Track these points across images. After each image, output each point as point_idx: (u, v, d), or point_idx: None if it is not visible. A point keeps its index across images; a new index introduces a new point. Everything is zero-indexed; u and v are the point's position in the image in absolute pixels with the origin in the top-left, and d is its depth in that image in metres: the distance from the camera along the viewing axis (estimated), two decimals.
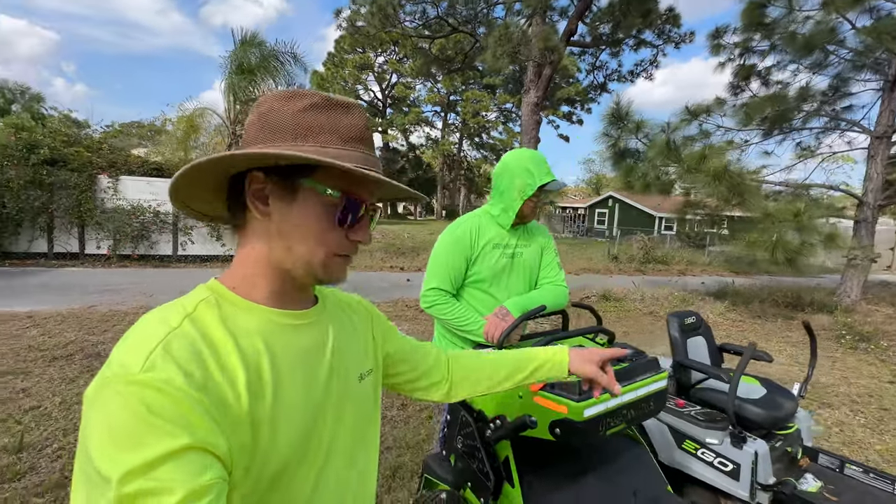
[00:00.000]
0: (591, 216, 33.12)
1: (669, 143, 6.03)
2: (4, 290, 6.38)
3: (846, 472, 2.13)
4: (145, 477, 0.39)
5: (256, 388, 0.52)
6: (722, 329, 5.97)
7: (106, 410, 0.42)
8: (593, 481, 1.44)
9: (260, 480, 0.51)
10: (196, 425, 0.44)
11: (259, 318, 0.57)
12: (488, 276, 1.61)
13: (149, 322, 0.51)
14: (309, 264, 0.57)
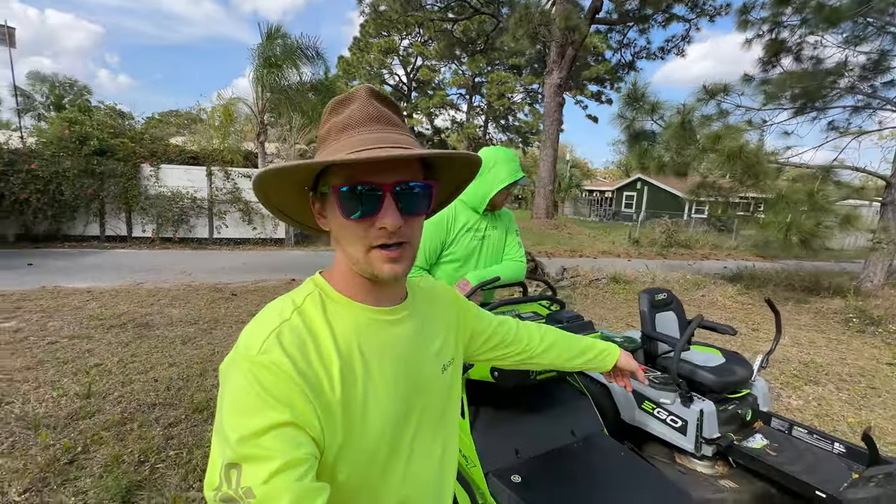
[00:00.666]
0: (618, 199, 32.39)
1: (684, 123, 6.02)
2: (67, 269, 7.20)
3: (794, 433, 2.35)
4: (253, 443, 0.46)
5: (349, 377, 0.57)
6: (729, 311, 6.03)
7: (232, 382, 0.51)
8: (534, 418, 1.75)
9: (358, 464, 0.57)
10: (296, 405, 0.50)
11: (354, 313, 0.62)
12: (461, 255, 1.91)
13: (269, 312, 0.59)
14: (357, 262, 0.60)
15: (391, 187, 0.57)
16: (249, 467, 0.45)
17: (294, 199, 0.64)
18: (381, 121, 0.60)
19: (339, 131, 0.59)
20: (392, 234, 0.58)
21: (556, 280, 6.85)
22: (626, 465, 1.58)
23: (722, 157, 5.38)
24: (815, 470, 2.06)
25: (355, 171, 0.56)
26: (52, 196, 8.98)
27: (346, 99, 0.62)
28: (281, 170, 0.55)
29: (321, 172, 0.60)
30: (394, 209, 0.57)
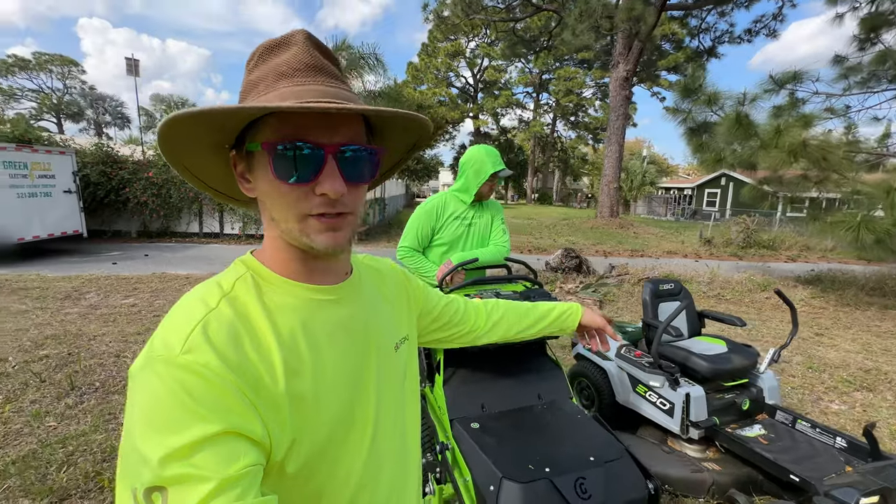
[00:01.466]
0: (699, 197, 29.85)
1: (739, 116, 5.65)
2: (172, 259, 8.61)
3: (797, 426, 2.30)
4: (181, 462, 0.39)
5: (294, 365, 0.50)
6: None
7: (148, 389, 0.42)
8: (505, 381, 1.99)
9: (311, 455, 0.50)
10: (232, 409, 0.43)
11: (294, 294, 0.55)
12: (449, 240, 2.21)
13: (190, 300, 0.50)
14: (290, 232, 0.52)
15: (335, 149, 0.49)
16: (178, 491, 0.38)
17: (210, 159, 0.55)
18: (323, 72, 0.52)
19: (273, 79, 0.51)
20: (334, 202, 0.50)
21: (602, 277, 6.77)
22: (579, 425, 1.77)
23: (783, 152, 4.97)
24: (806, 461, 2.04)
25: (294, 127, 0.48)
26: (164, 199, 10.71)
27: (281, 43, 0.53)
28: (198, 114, 0.45)
29: (247, 127, 0.51)
30: (337, 174, 0.50)
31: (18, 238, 7.92)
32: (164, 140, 0.49)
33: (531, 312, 0.99)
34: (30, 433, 2.60)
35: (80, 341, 4.08)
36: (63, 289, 5.99)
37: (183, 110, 0.45)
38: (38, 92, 42.54)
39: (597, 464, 1.50)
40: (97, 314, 4.95)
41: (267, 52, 0.53)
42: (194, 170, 0.57)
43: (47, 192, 8.53)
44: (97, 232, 10.62)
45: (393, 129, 0.59)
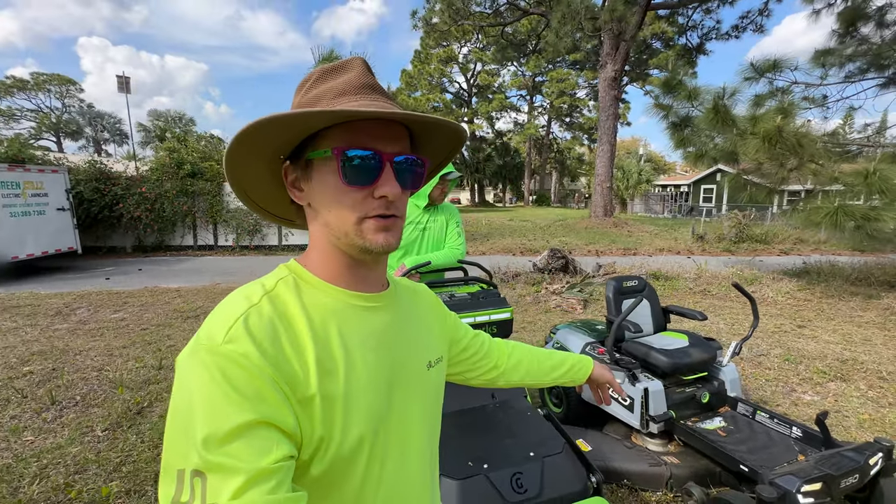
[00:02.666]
0: (695, 193, 29.89)
1: (718, 106, 5.69)
2: (165, 273, 8.68)
3: (757, 417, 2.33)
4: (220, 450, 0.41)
5: (327, 364, 0.52)
6: (778, 307, 5.55)
7: (193, 377, 0.45)
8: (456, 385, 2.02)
9: (336, 460, 0.51)
10: (267, 400, 0.45)
11: (332, 297, 0.58)
12: (404, 244, 2.25)
13: (235, 297, 0.53)
14: (346, 234, 0.56)
15: (391, 157, 0.55)
16: (215, 478, 0.40)
17: (262, 172, 0.60)
18: (378, 91, 0.58)
19: (335, 96, 0.56)
20: (390, 203, 0.55)
21: (589, 276, 6.80)
22: (526, 422, 1.80)
23: (758, 139, 5.01)
24: (761, 451, 2.07)
25: (357, 136, 0.54)
26: (157, 213, 10.81)
27: (340, 68, 0.59)
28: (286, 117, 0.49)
29: (310, 137, 0.56)
30: (393, 179, 0.55)
31: (12, 256, 8.00)
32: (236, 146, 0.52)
33: (547, 360, 0.99)
34: (6, 448, 2.64)
35: (66, 356, 4.14)
36: (54, 305, 6.05)
37: (265, 116, 0.48)
38: (37, 112, 42.99)
39: (535, 459, 1.54)
40: (85, 329, 5.00)
41: (326, 74, 0.59)
42: (250, 189, 0.62)
43: (40, 210, 8.63)
44: (92, 248, 10.72)
45: (429, 139, 0.63)
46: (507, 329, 1.96)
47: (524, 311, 5.57)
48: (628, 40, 13.02)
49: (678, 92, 6.79)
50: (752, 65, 6.45)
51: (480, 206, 40.42)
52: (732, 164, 7.03)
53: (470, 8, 16.86)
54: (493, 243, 12.44)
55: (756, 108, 6.13)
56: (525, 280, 6.83)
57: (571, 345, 2.82)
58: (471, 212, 28.76)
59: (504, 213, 26.65)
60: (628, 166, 30.06)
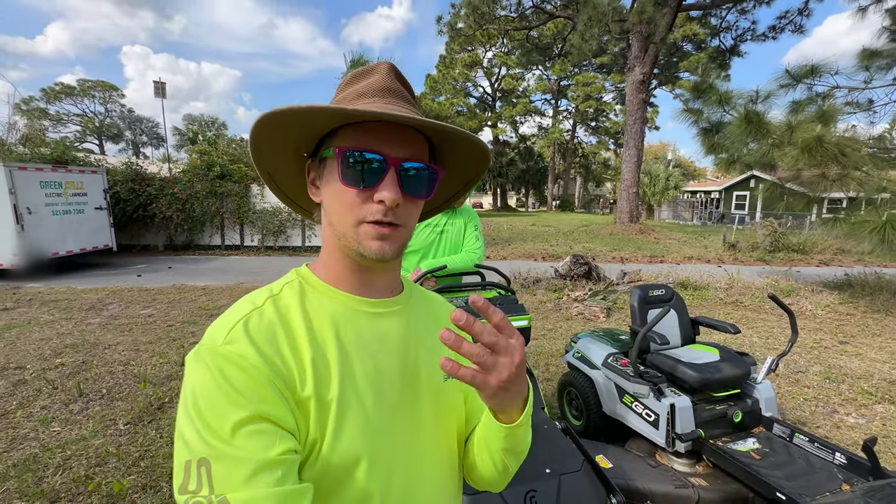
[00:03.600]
0: (727, 200, 28.81)
1: (749, 114, 5.44)
2: (193, 271, 8.95)
3: (795, 440, 2.17)
4: (225, 443, 0.43)
5: (323, 370, 0.51)
6: (817, 321, 5.22)
7: (196, 376, 0.47)
8: None
9: (329, 468, 0.50)
10: (266, 399, 0.46)
11: (336, 302, 0.57)
12: (420, 247, 2.21)
13: (242, 301, 0.54)
14: (345, 236, 0.55)
15: (397, 162, 0.53)
16: (222, 469, 0.42)
17: (288, 165, 0.61)
18: (399, 95, 0.57)
19: (354, 98, 0.56)
20: (388, 210, 0.53)
21: (612, 283, 6.60)
22: (542, 436, 1.72)
23: (796, 149, 4.74)
24: (799, 477, 1.92)
25: (365, 137, 0.53)
26: (188, 213, 11.18)
27: (366, 71, 0.59)
28: (299, 110, 0.50)
29: (325, 136, 0.57)
30: (395, 184, 0.53)
31: (53, 253, 8.41)
32: (253, 136, 0.55)
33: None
34: (34, 438, 2.73)
35: (96, 350, 4.28)
36: (88, 300, 6.31)
37: (271, 109, 0.50)
38: (82, 116, 45.43)
39: (551, 476, 1.46)
40: (115, 324, 5.18)
41: (354, 78, 0.60)
42: (272, 171, 0.63)
43: (80, 209, 9.05)
44: (126, 246, 11.16)
45: (453, 153, 0.62)
46: (525, 337, 1.89)
47: (544, 318, 5.44)
48: (657, 42, 12.68)
49: (708, 96, 6.54)
50: (788, 71, 6.15)
51: (503, 210, 40.15)
52: (768, 170, 6.70)
53: (495, 12, 16.81)
54: (514, 248, 12.30)
55: (794, 116, 5.83)
56: (546, 286, 6.69)
57: (593, 354, 2.70)
58: (493, 216, 28.59)
59: (527, 218, 26.37)
60: (656, 171, 29.27)
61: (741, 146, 5.88)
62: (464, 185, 0.71)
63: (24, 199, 7.88)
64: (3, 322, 5.18)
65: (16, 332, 4.79)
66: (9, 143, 12.86)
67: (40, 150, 11.00)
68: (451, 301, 2.03)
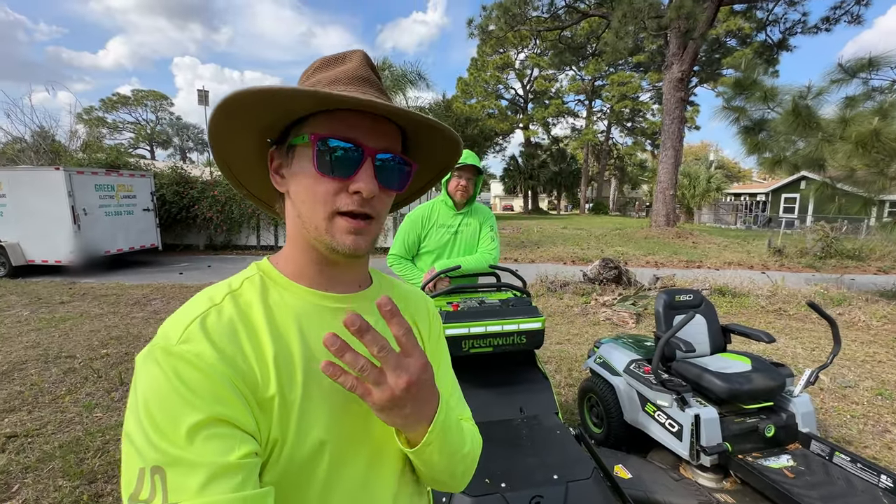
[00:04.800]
0: (774, 203, 27.18)
1: (798, 107, 5.10)
2: (230, 270, 9.35)
3: (835, 459, 2.01)
4: (178, 447, 0.40)
5: (286, 368, 0.49)
6: (871, 333, 4.81)
7: (146, 377, 0.44)
8: (485, 393, 1.94)
9: (291, 466, 0.48)
10: (225, 400, 0.43)
11: (298, 297, 0.55)
12: (435, 248, 2.21)
13: (197, 298, 0.51)
14: (316, 228, 0.53)
15: (374, 153, 0.52)
16: (176, 475, 0.39)
17: (248, 151, 0.57)
18: (373, 85, 0.56)
19: (327, 83, 0.53)
20: (364, 201, 0.52)
21: (643, 289, 6.36)
22: (554, 441, 1.67)
23: (849, 144, 4.40)
24: (838, 499, 1.78)
25: (340, 125, 0.51)
26: (227, 215, 11.71)
27: (339, 58, 0.57)
28: (266, 91, 0.46)
29: (294, 123, 0.54)
30: (371, 175, 0.52)
31: (105, 251, 9.03)
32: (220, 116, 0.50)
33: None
34: (79, 422, 2.93)
35: (138, 342, 4.55)
36: (134, 296, 6.72)
37: (246, 88, 0.46)
38: (135, 124, 48.65)
39: (559, 482, 1.42)
40: (157, 318, 5.49)
41: (325, 64, 0.58)
42: (232, 165, 0.60)
43: (130, 210, 9.67)
44: (171, 245, 11.82)
45: (427, 144, 0.60)
46: (537, 340, 1.85)
47: (570, 322, 5.32)
48: (697, 38, 12.16)
49: (752, 92, 6.20)
50: (841, 65, 5.73)
51: (534, 213, 39.63)
52: (817, 169, 6.27)
53: (527, 13, 16.65)
54: (543, 251, 12.10)
55: (847, 110, 5.43)
56: (574, 290, 6.54)
57: (615, 360, 2.61)
58: (523, 219, 28.26)
59: (558, 221, 25.91)
60: (696, 173, 28.00)
61: (787, 144, 5.53)
62: (437, 172, 0.68)
63: (81, 200, 8.50)
64: (60, 314, 5.61)
65: (70, 324, 5.17)
66: (70, 150, 13.93)
67: (97, 156, 11.85)
68: (465, 301, 2.02)
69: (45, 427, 2.85)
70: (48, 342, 4.52)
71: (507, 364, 2.06)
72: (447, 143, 0.59)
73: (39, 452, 2.56)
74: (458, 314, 1.81)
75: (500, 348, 1.83)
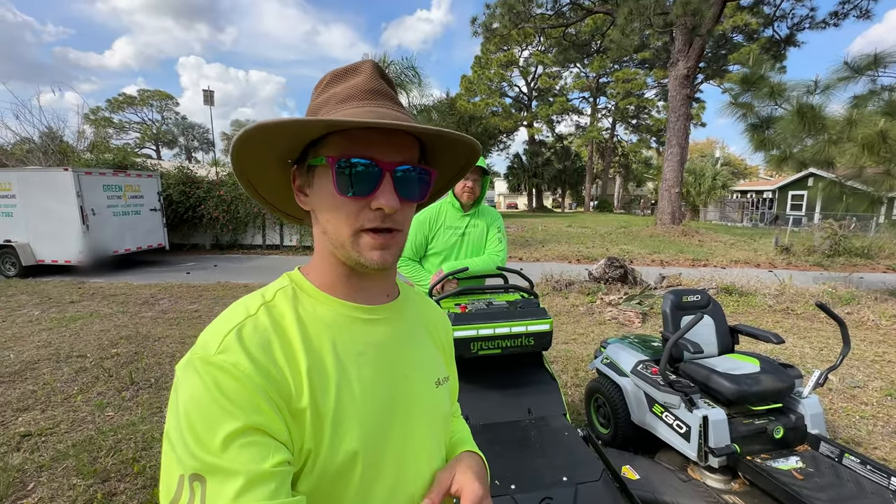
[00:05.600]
0: (781, 200, 26.95)
1: (802, 108, 5.06)
2: (236, 269, 9.42)
3: (844, 461, 2.00)
4: (217, 455, 0.42)
5: (319, 379, 0.51)
6: (880, 332, 4.77)
7: (188, 385, 0.45)
8: (493, 394, 1.95)
9: (324, 479, 0.49)
10: (260, 409, 0.45)
11: (330, 308, 0.56)
12: (442, 249, 2.21)
13: (234, 308, 0.53)
14: (343, 246, 0.54)
15: (392, 168, 0.53)
16: (215, 482, 0.41)
17: (270, 173, 0.59)
18: (386, 97, 0.56)
19: (339, 102, 0.54)
20: (387, 216, 0.53)
21: (649, 288, 6.34)
22: (562, 443, 1.68)
23: (856, 146, 4.36)
24: (847, 501, 1.77)
25: (356, 144, 0.52)
26: (233, 214, 11.78)
27: (350, 71, 0.57)
28: (277, 124, 0.48)
29: (312, 143, 0.55)
30: (391, 190, 0.53)
31: (113, 251, 9.11)
32: (239, 147, 0.52)
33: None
34: (91, 421, 2.98)
35: (147, 342, 4.60)
36: (143, 295, 6.79)
37: (258, 122, 0.48)
38: (141, 124, 48.96)
39: (568, 484, 1.43)
40: (165, 318, 5.55)
41: (336, 77, 0.58)
42: (256, 183, 0.61)
43: (137, 210, 9.75)
44: (177, 245, 11.92)
45: (444, 150, 0.61)
46: (546, 342, 1.85)
47: (576, 322, 5.32)
48: (703, 35, 12.05)
49: (759, 88, 6.15)
50: (847, 63, 5.67)
51: (538, 211, 39.50)
52: (825, 167, 6.22)
53: (531, 10, 16.58)
54: (548, 250, 12.08)
55: (854, 111, 5.37)
56: (579, 289, 6.53)
57: (622, 361, 2.61)
58: (527, 217, 28.20)
59: (562, 219, 25.82)
60: (702, 170, 27.81)
61: (794, 142, 5.48)
62: (456, 173, 0.69)
63: (89, 201, 8.58)
64: (70, 314, 5.68)
65: (80, 323, 5.23)
66: (78, 150, 14.05)
67: (104, 157, 11.95)
68: (473, 303, 2.02)
69: (59, 426, 2.90)
70: (59, 341, 4.58)
71: (514, 365, 2.07)
72: (464, 147, 0.60)
73: (53, 451, 2.60)
74: (467, 316, 1.82)
75: (509, 350, 1.84)
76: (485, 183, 2.20)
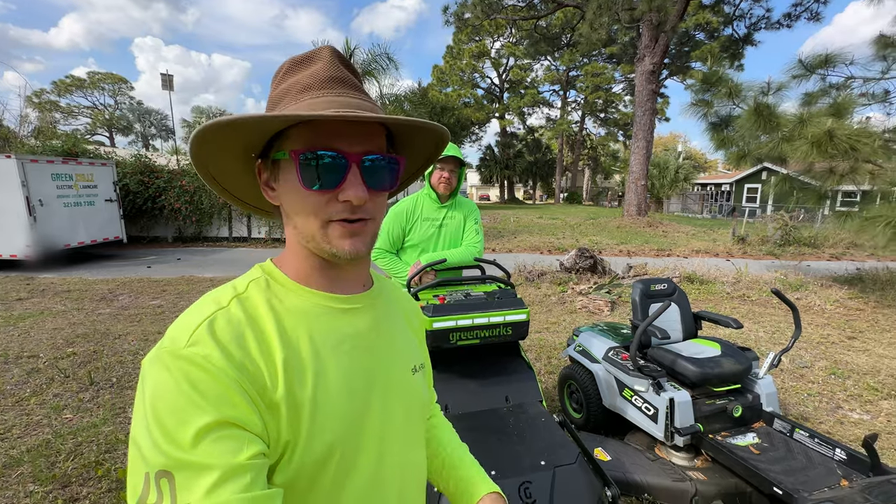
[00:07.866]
0: (738, 193, 28.37)
1: (759, 107, 5.33)
2: (202, 263, 9.06)
3: (795, 436, 2.16)
4: (187, 450, 0.40)
5: (296, 370, 0.50)
6: (825, 316, 5.16)
7: (154, 380, 0.44)
8: (472, 383, 1.98)
9: (302, 469, 0.49)
10: (233, 402, 0.44)
11: (304, 299, 0.55)
12: (419, 241, 2.21)
13: (203, 300, 0.51)
14: (313, 238, 0.53)
15: (358, 158, 0.52)
16: (185, 478, 0.40)
17: (234, 167, 0.57)
18: (348, 84, 0.54)
19: (299, 92, 0.52)
20: (356, 208, 0.53)
21: (618, 277, 6.57)
22: (539, 429, 1.73)
23: (807, 143, 4.65)
24: (797, 473, 1.92)
25: (320, 136, 0.50)
26: (196, 205, 11.28)
27: (308, 58, 0.55)
28: (227, 123, 0.47)
29: (275, 136, 0.53)
30: (359, 181, 0.52)
31: (65, 244, 8.56)
32: (196, 148, 0.51)
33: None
34: (47, 424, 2.81)
35: (106, 340, 4.37)
36: (100, 291, 6.43)
37: (212, 121, 0.47)
38: (92, 108, 45.85)
39: (546, 468, 1.47)
40: (126, 314, 5.28)
41: (294, 66, 0.56)
42: (220, 178, 0.59)
43: (90, 201, 9.18)
44: (136, 238, 11.32)
45: (413, 137, 0.60)
46: (523, 331, 1.89)
47: (548, 311, 5.45)
48: (668, 31, 12.44)
49: (718, 88, 6.42)
50: (801, 61, 6.01)
51: (510, 203, 39.96)
52: (779, 163, 6.59)
53: (502, 1, 16.57)
54: (520, 241, 12.26)
55: (806, 108, 5.71)
56: (551, 279, 6.68)
57: (594, 348, 2.71)
58: (499, 209, 28.46)
59: (534, 211, 26.22)
60: (666, 163, 28.86)
61: (751, 140, 5.77)
62: (425, 160, 0.68)
63: (36, 191, 8.01)
64: (18, 312, 5.31)
65: (29, 322, 4.91)
66: (21, 136, 13.04)
67: (52, 143, 11.14)
68: (451, 294, 2.04)
69: (10, 431, 2.72)
70: (7, 342, 4.28)
71: (491, 355, 2.10)
72: (433, 135, 0.60)
73: (5, 457, 2.45)
74: (446, 307, 1.83)
75: (487, 340, 1.86)
76: (461, 174, 2.20)
